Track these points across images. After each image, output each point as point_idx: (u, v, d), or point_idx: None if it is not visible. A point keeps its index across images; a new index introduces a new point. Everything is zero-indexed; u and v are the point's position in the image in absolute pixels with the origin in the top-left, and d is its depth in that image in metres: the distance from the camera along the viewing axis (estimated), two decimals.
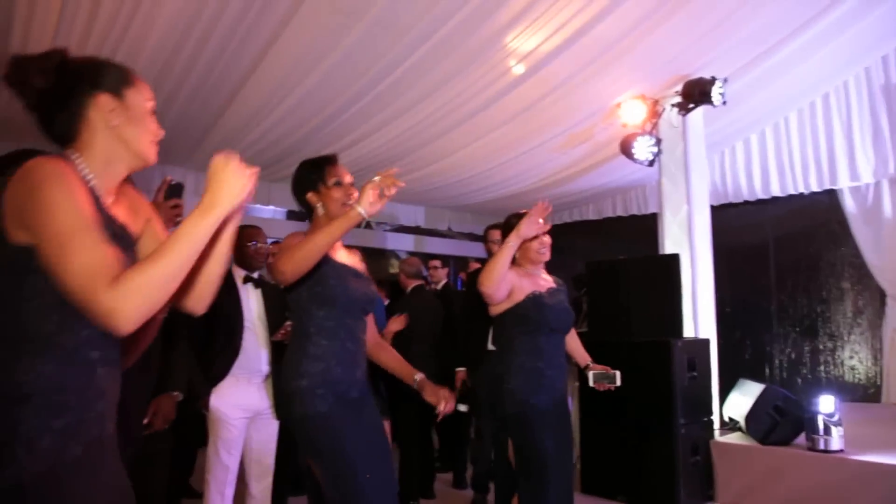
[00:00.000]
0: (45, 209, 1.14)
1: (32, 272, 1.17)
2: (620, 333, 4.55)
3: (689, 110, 4.98)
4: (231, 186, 1.27)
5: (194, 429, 4.33)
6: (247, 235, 3.10)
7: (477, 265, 5.05)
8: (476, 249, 8.21)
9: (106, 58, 1.37)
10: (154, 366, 2.59)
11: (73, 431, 1.19)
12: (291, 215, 7.03)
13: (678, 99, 4.98)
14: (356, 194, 2.15)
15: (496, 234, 4.19)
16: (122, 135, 1.32)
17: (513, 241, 2.65)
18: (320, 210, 2.24)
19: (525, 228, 2.65)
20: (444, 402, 2.31)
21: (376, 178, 1.97)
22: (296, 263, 1.99)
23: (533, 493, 2.67)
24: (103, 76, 1.32)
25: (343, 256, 2.31)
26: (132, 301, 1.12)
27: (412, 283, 4.75)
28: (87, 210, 1.19)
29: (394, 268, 7.74)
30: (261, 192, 6.44)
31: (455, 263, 8.27)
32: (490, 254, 4.28)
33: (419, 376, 2.39)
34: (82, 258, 1.12)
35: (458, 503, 4.41)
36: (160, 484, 3.02)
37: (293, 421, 2.16)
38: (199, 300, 1.46)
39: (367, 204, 1.96)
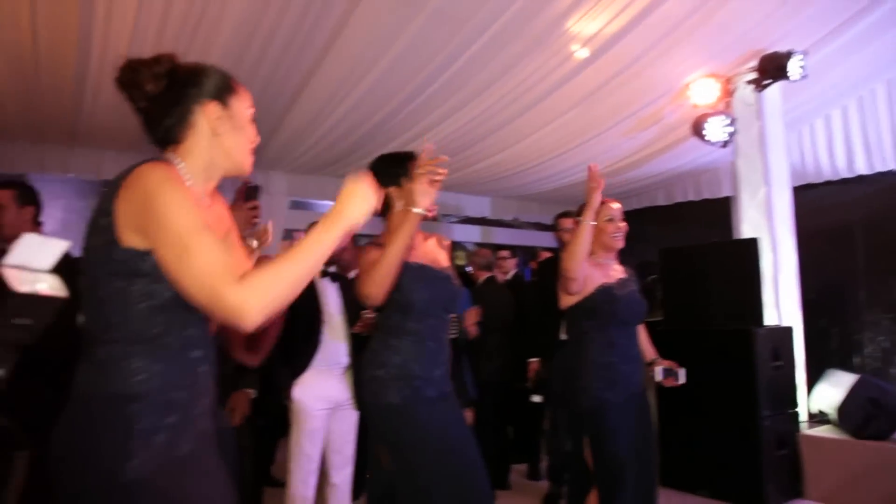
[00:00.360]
0: (163, 213, 1.17)
1: (142, 275, 1.20)
2: (698, 322, 4.40)
3: (764, 87, 4.75)
4: (361, 204, 1.32)
5: (274, 420, 4.47)
6: None
7: (547, 254, 4.98)
8: (543, 239, 8.11)
9: (212, 64, 1.39)
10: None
11: (182, 428, 1.24)
12: None
13: (753, 75, 4.75)
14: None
15: (567, 223, 4.12)
16: (224, 143, 1.34)
17: (588, 218, 2.60)
18: (399, 205, 2.23)
19: (594, 197, 2.61)
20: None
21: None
22: (378, 285, 2.02)
23: (610, 489, 2.62)
24: (211, 84, 1.35)
25: (422, 253, 2.28)
26: (260, 298, 1.15)
27: (483, 275, 4.75)
28: (201, 213, 1.22)
29: (460, 259, 7.73)
30: (327, 187, 6.55)
31: (522, 253, 8.19)
32: (560, 242, 4.21)
33: None
34: (205, 258, 1.15)
35: (532, 495, 4.37)
36: (246, 476, 3.13)
37: (366, 408, 2.19)
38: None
39: (420, 200, 2.00)
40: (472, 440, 2.19)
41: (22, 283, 0.59)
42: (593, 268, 2.75)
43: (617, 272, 2.83)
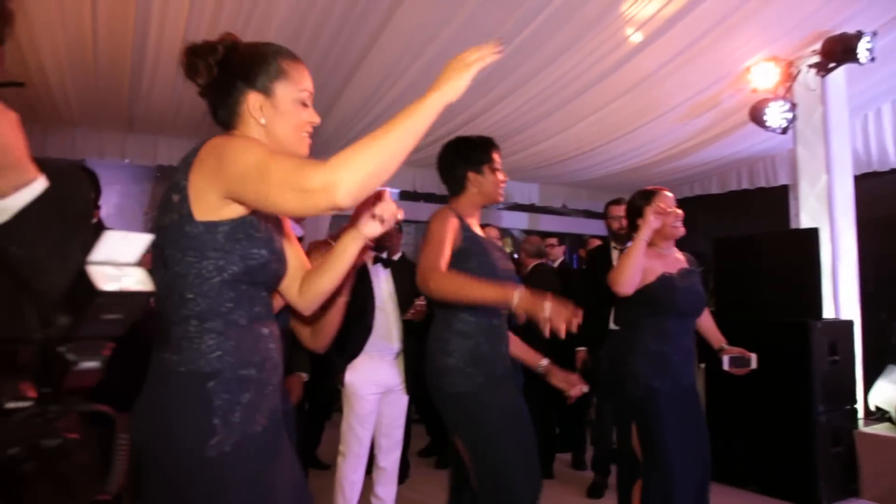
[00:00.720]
0: (235, 156, 1.17)
1: (214, 249, 1.23)
2: (752, 314, 4.29)
3: (829, 70, 4.55)
4: (464, 79, 1.23)
5: (322, 403, 4.55)
6: None
7: (597, 242, 4.90)
8: (592, 226, 8.01)
9: (268, 46, 1.39)
10: None
11: (257, 404, 1.27)
12: (405, 195, 7.14)
13: (816, 58, 4.55)
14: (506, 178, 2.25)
15: (617, 210, 4.05)
16: (272, 131, 1.35)
17: (644, 235, 2.56)
18: (474, 190, 2.27)
19: (653, 220, 2.57)
20: (574, 387, 2.30)
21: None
22: (451, 295, 2.04)
23: (657, 479, 2.59)
24: (256, 72, 1.35)
25: (482, 233, 2.33)
26: (350, 171, 1.06)
27: (532, 263, 4.72)
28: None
29: (508, 246, 7.70)
30: None
31: (570, 241, 8.11)
32: (610, 230, 4.15)
33: (545, 362, 2.38)
34: (284, 163, 1.12)
35: (577, 484, 4.35)
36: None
37: (440, 398, 2.20)
38: (308, 308, 1.49)
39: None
40: (531, 428, 2.24)
41: (109, 280, 0.60)
42: (654, 258, 2.70)
43: (679, 262, 2.78)
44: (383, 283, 3.14)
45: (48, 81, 4.44)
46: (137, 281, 0.64)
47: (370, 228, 1.40)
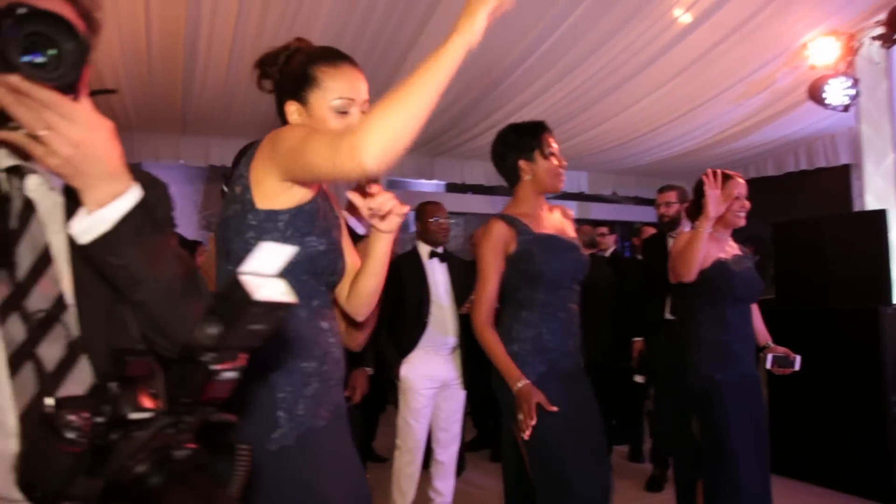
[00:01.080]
0: (286, 134, 1.22)
1: (274, 239, 1.24)
2: (816, 301, 4.13)
3: (894, 42, 4.33)
4: (476, 18, 1.10)
5: (376, 396, 4.60)
6: (429, 212, 3.20)
7: (651, 230, 4.80)
8: (642, 213, 7.86)
9: (304, 54, 1.41)
10: None
11: (320, 398, 1.28)
12: (451, 188, 7.13)
13: (880, 30, 4.33)
14: (565, 164, 2.16)
15: (669, 197, 3.96)
16: None
17: (705, 226, 2.49)
18: (528, 178, 2.20)
19: (713, 209, 2.49)
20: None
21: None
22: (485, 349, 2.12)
23: (719, 473, 2.53)
24: (290, 82, 1.39)
25: (549, 224, 2.25)
26: (377, 132, 1.03)
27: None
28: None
29: None
30: (423, 166, 6.59)
31: (620, 229, 7.97)
32: (662, 218, 4.05)
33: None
34: (321, 135, 1.15)
35: (634, 477, 4.28)
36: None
37: (502, 386, 2.17)
38: (357, 312, 1.49)
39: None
40: (595, 410, 2.20)
41: (258, 290, 0.60)
42: (710, 242, 2.62)
43: (733, 248, 2.71)
44: (439, 278, 3.15)
45: (106, 88, 4.57)
46: (283, 292, 0.64)
47: (387, 224, 1.37)
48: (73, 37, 0.71)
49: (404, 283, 3.08)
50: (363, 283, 1.43)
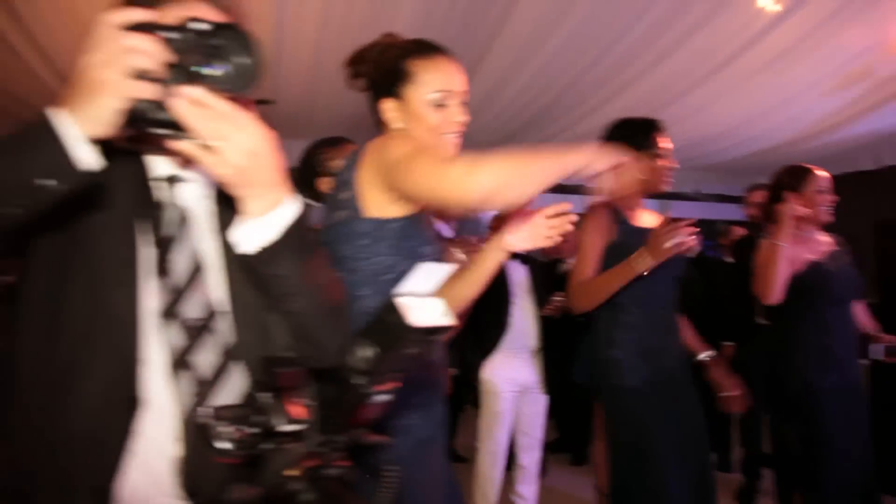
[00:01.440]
0: (392, 147, 1.23)
1: (385, 247, 1.27)
2: None
3: None
4: (603, 158, 1.23)
5: (458, 396, 4.62)
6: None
7: (741, 231, 4.62)
8: (727, 211, 7.54)
9: (397, 49, 1.39)
10: None
11: (428, 411, 1.30)
12: (552, 187, 7.09)
13: None
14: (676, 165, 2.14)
15: (757, 196, 3.81)
16: (413, 134, 1.36)
17: (784, 240, 2.40)
18: (637, 176, 2.14)
19: (788, 221, 2.42)
20: (731, 392, 2.18)
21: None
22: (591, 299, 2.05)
23: (819, 485, 2.40)
24: (383, 78, 1.36)
25: (647, 220, 2.22)
26: (490, 172, 1.08)
27: None
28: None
29: None
30: None
31: (704, 228, 7.71)
32: (751, 218, 3.91)
33: (708, 353, 2.27)
34: (428, 156, 1.16)
35: (723, 487, 4.11)
36: None
37: (604, 390, 2.16)
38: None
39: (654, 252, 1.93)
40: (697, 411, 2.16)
41: (414, 313, 0.60)
42: (798, 245, 2.51)
43: (824, 244, 2.57)
44: (520, 279, 3.13)
45: None
46: (442, 313, 0.64)
47: (514, 240, 1.37)
48: (248, 48, 0.72)
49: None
50: (461, 289, 1.41)
